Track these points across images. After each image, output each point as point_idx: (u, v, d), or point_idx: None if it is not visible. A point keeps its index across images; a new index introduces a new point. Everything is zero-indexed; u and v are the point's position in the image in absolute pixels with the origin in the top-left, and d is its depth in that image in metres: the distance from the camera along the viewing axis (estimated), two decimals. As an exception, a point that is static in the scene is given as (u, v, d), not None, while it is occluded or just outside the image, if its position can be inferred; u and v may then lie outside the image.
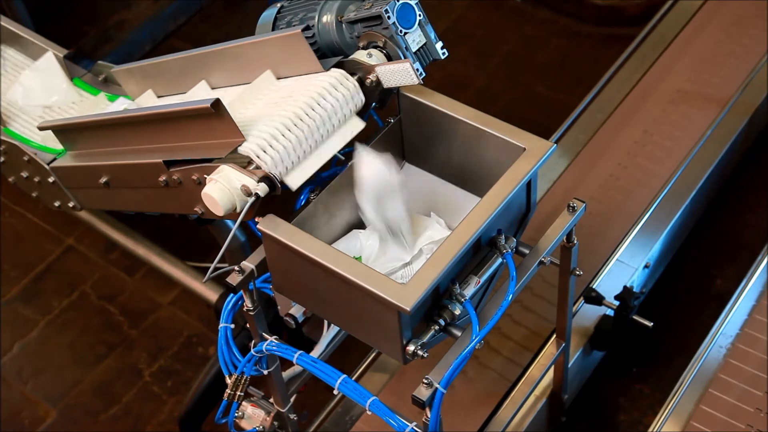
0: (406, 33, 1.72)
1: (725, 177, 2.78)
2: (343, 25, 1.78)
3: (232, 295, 1.73)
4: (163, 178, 1.75)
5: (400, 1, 1.70)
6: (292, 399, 1.93)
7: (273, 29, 1.86)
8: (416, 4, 1.73)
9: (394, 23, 1.70)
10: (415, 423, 1.57)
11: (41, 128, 2.05)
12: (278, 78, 1.80)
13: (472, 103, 1.75)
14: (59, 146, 2.08)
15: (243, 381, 1.80)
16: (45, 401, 2.62)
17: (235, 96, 1.81)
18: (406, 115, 1.82)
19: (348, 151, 1.79)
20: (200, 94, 1.93)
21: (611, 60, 2.97)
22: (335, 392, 1.62)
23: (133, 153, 1.85)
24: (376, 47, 1.73)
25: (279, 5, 1.88)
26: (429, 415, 1.56)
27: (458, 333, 1.59)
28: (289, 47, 1.74)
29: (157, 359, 2.68)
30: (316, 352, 1.87)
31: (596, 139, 2.73)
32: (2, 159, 2.22)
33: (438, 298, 1.60)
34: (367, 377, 2.27)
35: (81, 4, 3.65)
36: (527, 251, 1.71)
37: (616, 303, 2.26)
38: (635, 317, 2.27)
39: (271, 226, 1.60)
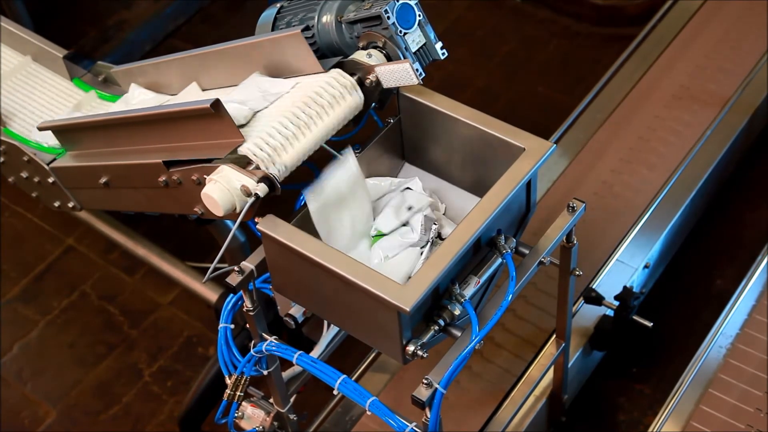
0: (405, 33, 1.72)
1: (725, 177, 2.78)
2: (343, 26, 1.78)
3: (231, 295, 1.73)
4: (162, 178, 1.75)
5: (400, 2, 1.70)
6: (292, 399, 1.93)
7: (273, 29, 1.86)
8: (416, 4, 1.72)
9: (393, 23, 1.70)
10: (415, 423, 1.57)
11: (41, 128, 2.05)
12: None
13: (472, 103, 1.75)
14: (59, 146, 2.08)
15: (243, 381, 1.80)
16: (45, 401, 2.62)
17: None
18: (406, 115, 1.82)
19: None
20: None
21: (611, 60, 2.97)
22: (335, 392, 1.62)
23: (133, 153, 1.85)
24: (375, 47, 1.73)
25: (279, 5, 1.87)
26: (429, 416, 1.56)
27: (458, 333, 1.59)
28: (288, 47, 1.74)
29: (157, 359, 2.68)
30: (316, 352, 1.87)
31: (596, 139, 2.73)
32: (2, 159, 2.22)
33: (438, 298, 1.60)
34: (367, 377, 2.27)
35: (81, 4, 3.65)
36: (527, 251, 1.71)
37: (616, 303, 2.26)
38: (635, 317, 2.27)
39: (270, 226, 1.60)
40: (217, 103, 1.61)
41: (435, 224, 1.73)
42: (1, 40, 2.46)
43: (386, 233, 1.72)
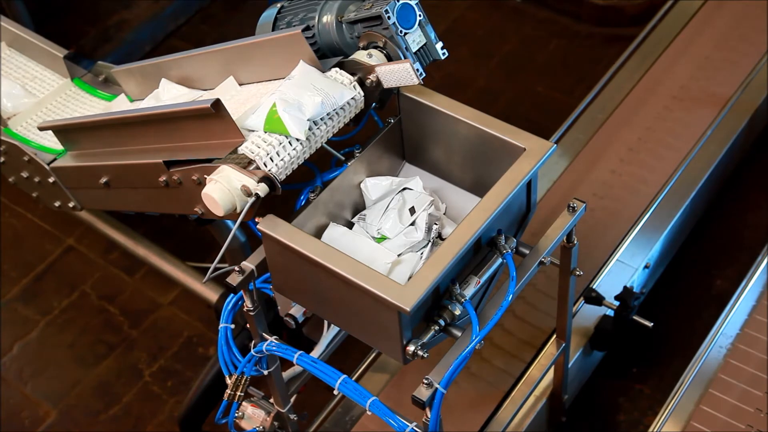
0: (406, 33, 1.72)
1: (725, 177, 2.78)
2: (343, 26, 1.78)
3: (232, 295, 1.73)
4: (163, 178, 1.75)
5: (400, 2, 1.70)
6: (292, 399, 1.93)
7: (273, 29, 1.86)
8: (416, 4, 1.73)
9: (394, 23, 1.70)
10: (415, 423, 1.57)
11: (41, 128, 2.05)
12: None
13: (472, 103, 1.75)
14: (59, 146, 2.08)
15: (243, 381, 1.80)
16: (45, 401, 2.62)
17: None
18: (406, 115, 1.82)
19: (348, 151, 1.79)
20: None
21: (611, 60, 2.97)
22: (335, 392, 1.62)
23: (134, 153, 1.85)
24: (376, 47, 1.73)
25: (279, 5, 1.88)
26: (429, 416, 1.56)
27: (458, 333, 1.59)
28: (289, 47, 1.74)
29: (157, 359, 2.68)
30: (316, 352, 1.87)
31: (596, 140, 2.73)
32: (2, 159, 2.22)
33: (438, 298, 1.60)
34: (367, 377, 2.27)
35: (81, 4, 3.65)
36: (527, 251, 1.71)
37: (616, 303, 2.26)
38: (635, 317, 2.27)
39: (271, 226, 1.60)
40: (217, 103, 1.61)
41: (436, 224, 1.73)
42: (1, 39, 2.46)
43: (391, 238, 1.72)
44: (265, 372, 1.81)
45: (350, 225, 1.79)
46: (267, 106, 1.65)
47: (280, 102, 1.64)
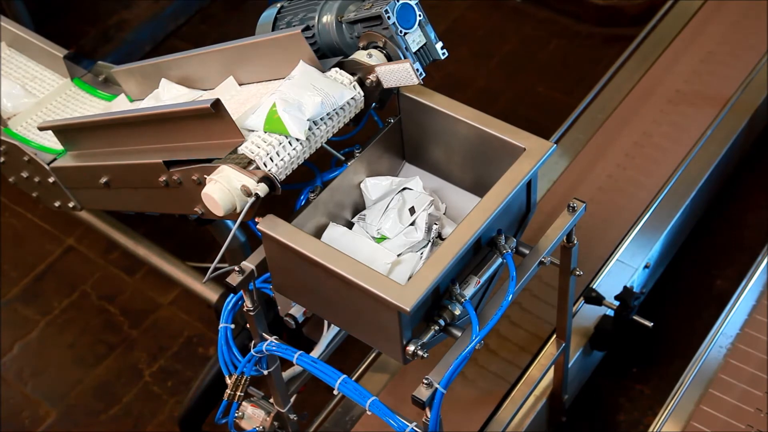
0: (406, 33, 1.72)
1: (725, 177, 2.78)
2: (343, 26, 1.78)
3: (232, 295, 1.73)
4: (163, 178, 1.75)
5: (400, 2, 1.70)
6: (292, 399, 1.93)
7: (273, 29, 1.86)
8: (416, 4, 1.73)
9: (394, 23, 1.70)
10: (415, 423, 1.57)
11: (41, 128, 2.05)
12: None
13: (472, 103, 1.75)
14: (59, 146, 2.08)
15: (243, 381, 1.80)
16: (45, 401, 2.62)
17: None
18: (406, 115, 1.82)
19: (348, 151, 1.79)
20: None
21: (611, 60, 2.97)
22: (335, 392, 1.62)
23: (134, 153, 1.85)
24: (376, 47, 1.73)
25: (279, 5, 1.88)
26: (429, 416, 1.56)
27: (458, 333, 1.59)
28: (289, 47, 1.74)
29: (157, 359, 2.68)
30: (316, 352, 1.87)
31: (596, 140, 2.73)
32: (2, 159, 2.22)
33: (438, 298, 1.60)
34: (367, 377, 2.27)
35: (81, 4, 3.65)
36: (527, 251, 1.71)
37: (616, 303, 2.26)
38: (635, 317, 2.27)
39: (271, 226, 1.60)
40: (217, 103, 1.61)
41: (436, 224, 1.73)
42: (1, 39, 2.46)
43: (391, 238, 1.72)
44: (265, 372, 1.81)
45: (350, 225, 1.79)
46: (267, 106, 1.65)
47: (280, 102, 1.64)
